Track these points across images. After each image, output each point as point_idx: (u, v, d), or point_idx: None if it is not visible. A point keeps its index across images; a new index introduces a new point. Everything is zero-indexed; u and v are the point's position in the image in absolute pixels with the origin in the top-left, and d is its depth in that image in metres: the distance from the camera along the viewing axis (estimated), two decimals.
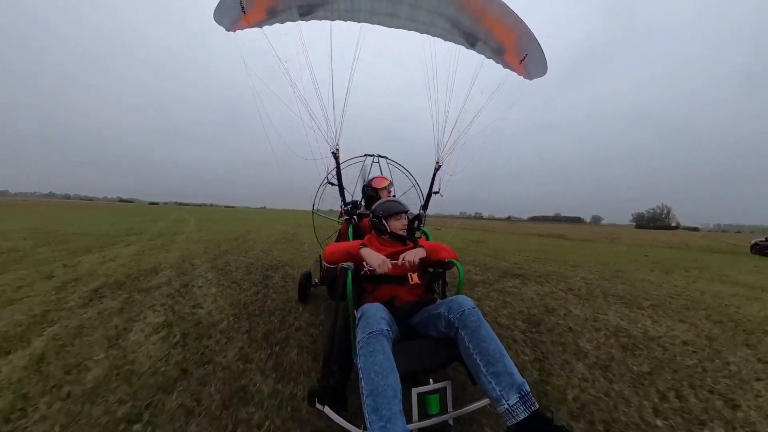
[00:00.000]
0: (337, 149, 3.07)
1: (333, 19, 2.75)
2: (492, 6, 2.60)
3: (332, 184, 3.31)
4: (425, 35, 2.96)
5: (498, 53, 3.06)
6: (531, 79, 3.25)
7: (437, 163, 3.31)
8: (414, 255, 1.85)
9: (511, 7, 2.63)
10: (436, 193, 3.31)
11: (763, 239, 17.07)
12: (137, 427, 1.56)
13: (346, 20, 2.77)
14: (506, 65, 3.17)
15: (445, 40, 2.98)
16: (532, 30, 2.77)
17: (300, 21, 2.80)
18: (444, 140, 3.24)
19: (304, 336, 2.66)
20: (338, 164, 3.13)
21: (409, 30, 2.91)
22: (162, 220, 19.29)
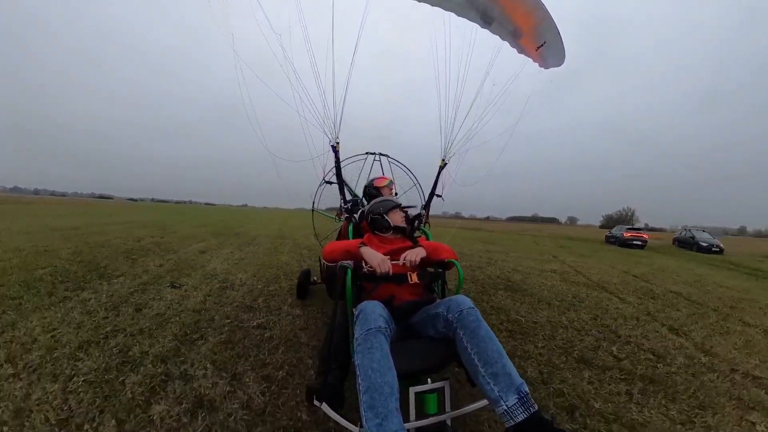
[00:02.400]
0: (337, 143, 2.87)
1: None
2: None
3: (330, 183, 3.16)
4: (438, 11, 2.75)
5: (514, 36, 2.89)
6: (547, 67, 3.13)
7: (443, 161, 3.12)
8: (415, 255, 1.85)
9: None
10: (438, 196, 3.20)
11: (609, 232, 23.58)
12: None
13: None
14: (521, 50, 3.02)
15: (459, 15, 2.79)
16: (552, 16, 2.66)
17: None
18: (452, 136, 3.01)
19: None
20: (338, 159, 2.94)
21: (419, 2, 2.69)
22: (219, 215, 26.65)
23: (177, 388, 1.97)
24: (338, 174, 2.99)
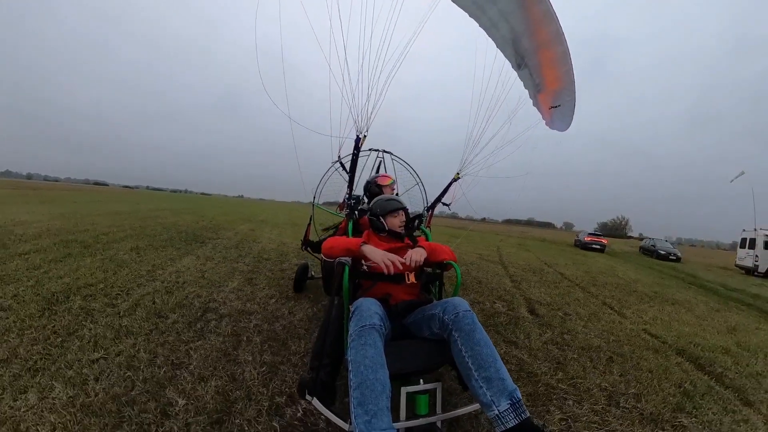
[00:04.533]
0: (365, 135, 2.84)
1: None
2: (557, 47, 2.59)
3: (344, 167, 3.11)
4: (484, 35, 2.84)
5: (536, 89, 3.07)
6: (552, 128, 3.29)
7: (457, 174, 3.21)
8: (419, 255, 1.84)
9: (571, 61, 2.62)
10: (446, 204, 3.31)
11: (576, 236, 25.55)
12: None
13: None
14: (536, 103, 3.22)
15: (497, 47, 2.88)
16: (575, 87, 2.85)
17: None
18: (471, 156, 3.17)
19: None
20: (358, 151, 2.91)
21: (470, 16, 2.75)
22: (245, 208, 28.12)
23: (287, 262, 5.57)
24: (353, 165, 2.97)
